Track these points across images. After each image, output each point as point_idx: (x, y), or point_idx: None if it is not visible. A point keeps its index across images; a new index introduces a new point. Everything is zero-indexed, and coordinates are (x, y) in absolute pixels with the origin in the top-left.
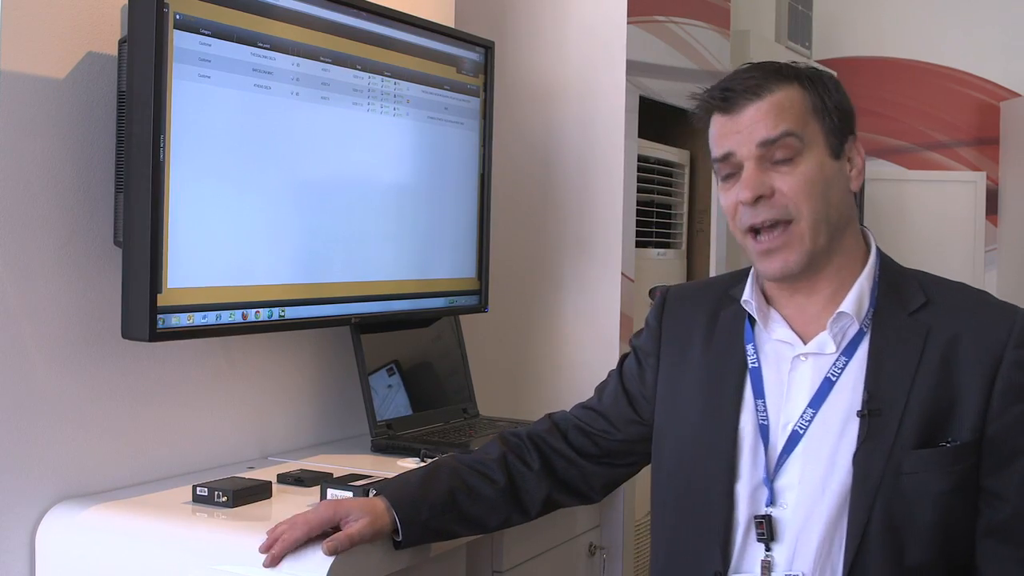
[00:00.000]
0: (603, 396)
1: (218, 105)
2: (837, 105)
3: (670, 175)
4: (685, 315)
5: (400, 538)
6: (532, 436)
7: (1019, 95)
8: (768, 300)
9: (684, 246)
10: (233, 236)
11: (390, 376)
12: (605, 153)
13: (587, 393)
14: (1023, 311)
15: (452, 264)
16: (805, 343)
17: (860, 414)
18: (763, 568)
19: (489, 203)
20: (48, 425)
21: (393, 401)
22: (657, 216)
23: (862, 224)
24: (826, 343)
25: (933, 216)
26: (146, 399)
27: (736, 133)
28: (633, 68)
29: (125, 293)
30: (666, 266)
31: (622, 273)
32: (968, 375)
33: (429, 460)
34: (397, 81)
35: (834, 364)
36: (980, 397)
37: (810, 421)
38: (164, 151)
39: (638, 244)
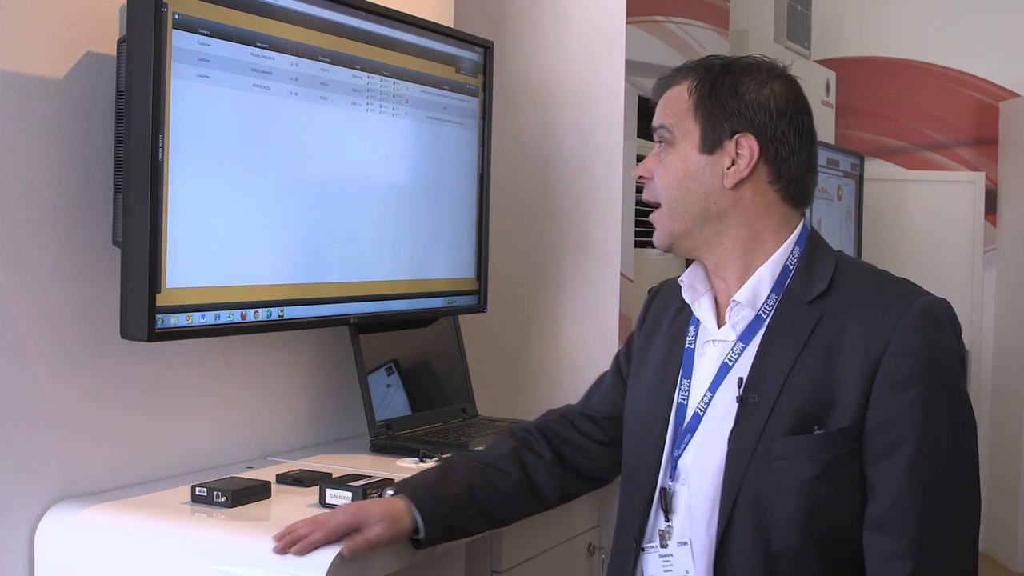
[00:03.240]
0: (604, 381)
1: (217, 105)
2: (733, 104)
3: None
4: (666, 302)
5: (421, 536)
6: (540, 427)
7: (1018, 95)
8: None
9: None
10: (232, 236)
11: (389, 376)
12: (604, 153)
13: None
14: (921, 302)
15: (451, 264)
16: (720, 327)
17: (737, 399)
18: (660, 536)
19: (488, 203)
20: (47, 425)
21: (392, 401)
22: None
23: (857, 224)
24: (728, 330)
25: (932, 216)
26: (145, 399)
27: None
28: (632, 68)
29: (124, 293)
30: (665, 266)
31: (621, 273)
32: (851, 364)
33: (428, 460)
34: (396, 81)
35: (731, 349)
36: (860, 386)
37: (708, 404)
38: (163, 151)
39: (637, 244)
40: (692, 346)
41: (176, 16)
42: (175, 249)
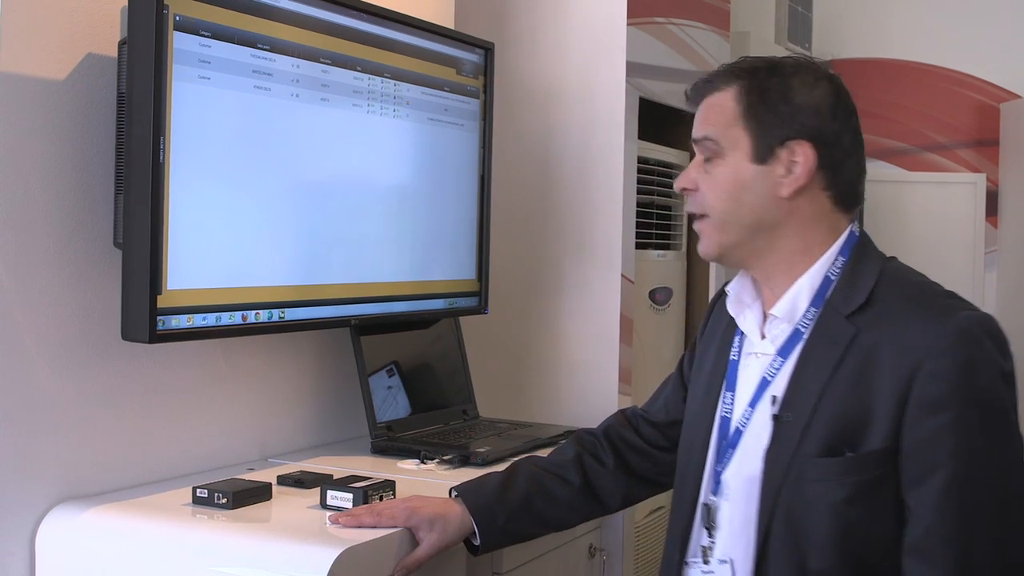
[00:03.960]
0: (667, 386)
1: (218, 106)
2: (785, 110)
3: (670, 176)
4: (723, 308)
5: (477, 542)
6: (606, 432)
7: (1019, 97)
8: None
9: (684, 247)
10: (233, 237)
11: (390, 377)
12: (605, 154)
13: (588, 394)
14: (960, 317)
15: (452, 265)
16: (762, 340)
17: (772, 416)
18: (702, 553)
19: (489, 204)
20: (48, 427)
21: (393, 403)
22: (657, 217)
23: (858, 224)
24: (768, 343)
25: (933, 218)
26: (146, 401)
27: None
28: (633, 69)
29: (125, 294)
30: (666, 268)
31: (622, 274)
32: (884, 384)
33: (429, 462)
34: (397, 82)
35: (771, 364)
36: (893, 407)
37: (748, 419)
38: (164, 152)
39: (638, 245)
40: (736, 358)
41: (177, 18)
42: (176, 250)
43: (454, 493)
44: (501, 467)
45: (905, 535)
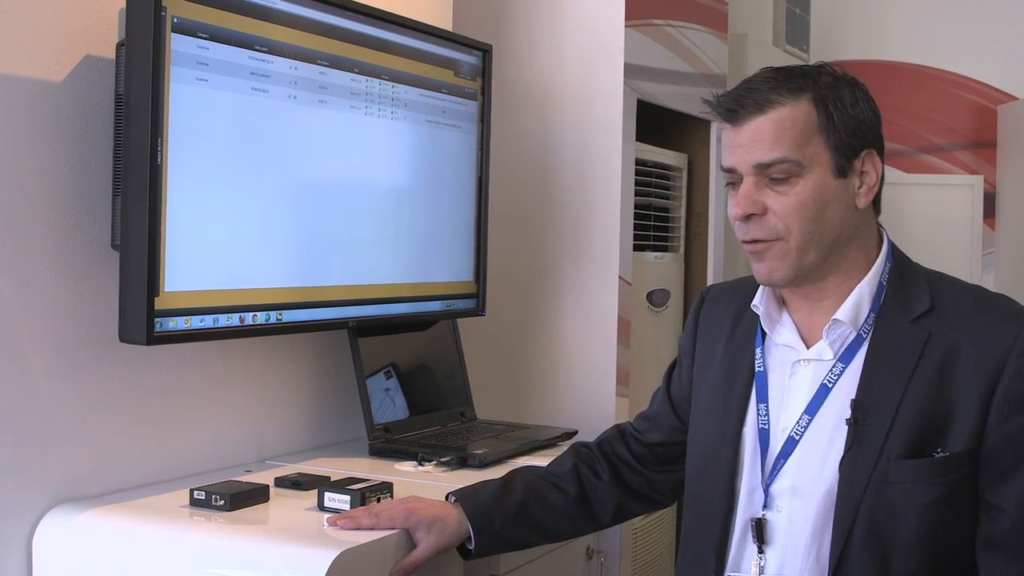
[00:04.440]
0: (654, 403)
1: (216, 108)
2: (851, 120)
3: (668, 178)
4: (717, 315)
5: (472, 546)
6: (601, 446)
7: (1017, 99)
8: (785, 303)
9: (682, 250)
10: (230, 239)
11: (387, 379)
12: (603, 156)
13: (585, 396)
14: None
15: (449, 267)
16: (809, 347)
17: (848, 421)
18: (755, 570)
19: (486, 206)
20: (45, 429)
21: (391, 404)
22: (655, 219)
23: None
24: (824, 349)
25: (931, 219)
26: (143, 402)
27: (738, 147)
28: (631, 71)
29: (122, 296)
30: (664, 270)
31: (620, 276)
32: (966, 385)
33: (426, 464)
34: (395, 84)
35: (831, 370)
36: (978, 407)
37: (806, 427)
38: (162, 154)
39: (636, 248)
40: (763, 369)
41: (175, 20)
42: (174, 252)
43: (452, 498)
44: (499, 469)
45: (982, 531)
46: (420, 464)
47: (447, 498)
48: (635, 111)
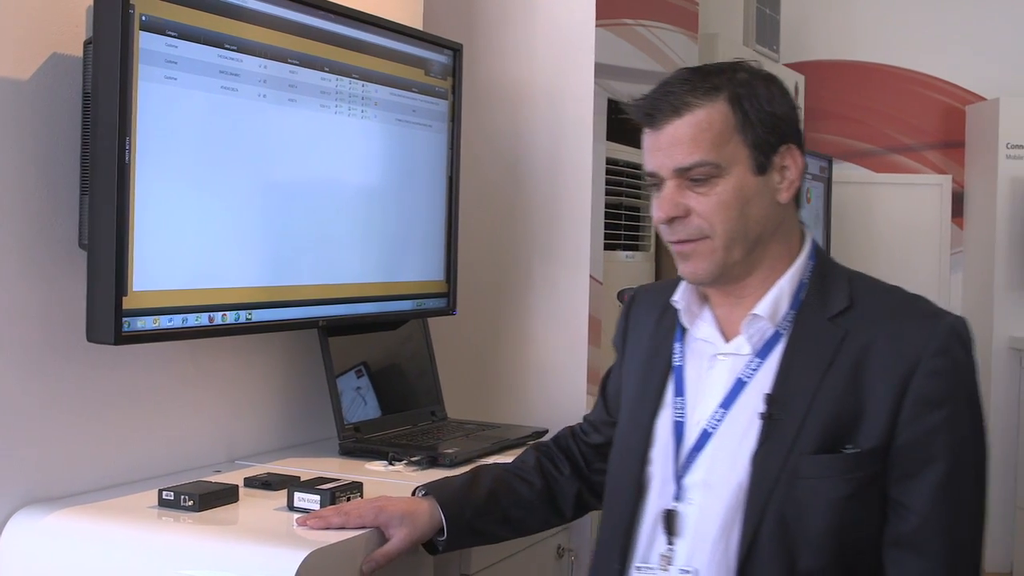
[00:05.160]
0: (597, 404)
1: (185, 107)
2: (768, 116)
3: (638, 178)
4: (643, 314)
5: (443, 537)
6: (557, 442)
7: (985, 99)
8: (707, 298)
9: (652, 249)
10: (199, 238)
11: (358, 379)
12: (573, 156)
13: (556, 395)
14: (948, 321)
15: (420, 266)
16: (728, 342)
17: (760, 415)
18: (661, 561)
19: (457, 205)
20: (11, 429)
21: (361, 404)
22: (625, 219)
23: (826, 226)
24: (742, 344)
25: (899, 219)
26: (111, 402)
27: (658, 151)
28: (601, 71)
29: (90, 296)
30: (634, 269)
31: (590, 276)
32: (880, 382)
33: (397, 463)
34: (365, 83)
35: (747, 365)
36: (890, 405)
37: (720, 420)
38: (129, 153)
39: (606, 247)
40: (682, 363)
41: (143, 18)
42: (142, 252)
43: (421, 491)
44: (469, 468)
45: (889, 528)
46: (390, 464)
47: (414, 492)
48: (606, 110)
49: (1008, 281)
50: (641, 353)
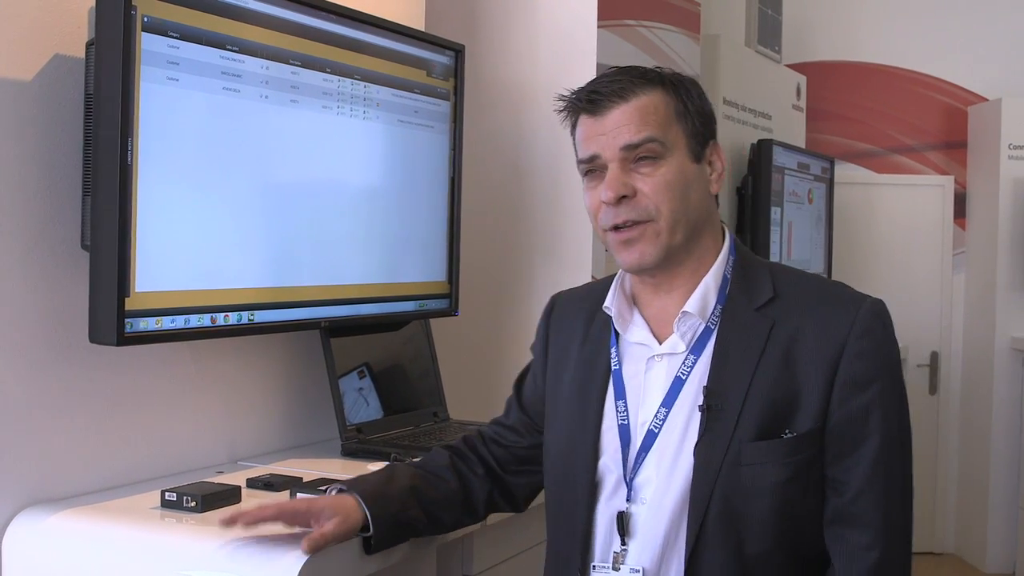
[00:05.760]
0: (509, 410)
1: (187, 108)
2: (699, 110)
3: None
4: (567, 320)
5: (371, 532)
6: (469, 445)
7: (987, 100)
8: (636, 301)
9: None
10: (202, 239)
11: (361, 379)
12: (575, 157)
13: None
14: (868, 303)
15: (422, 267)
16: (661, 343)
17: (700, 408)
18: (613, 560)
19: (459, 206)
20: (14, 430)
21: (364, 405)
22: None
23: (828, 227)
24: (676, 343)
25: (902, 219)
26: (114, 403)
27: (601, 135)
28: (603, 72)
29: (92, 297)
30: None
31: (592, 276)
32: (810, 367)
33: (389, 464)
34: (367, 84)
35: (683, 363)
36: (822, 388)
37: (664, 419)
38: (132, 154)
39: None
40: (618, 367)
41: (145, 19)
42: (144, 253)
43: (335, 489)
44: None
45: (828, 506)
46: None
47: (327, 491)
48: None
49: (1010, 281)
50: (572, 360)
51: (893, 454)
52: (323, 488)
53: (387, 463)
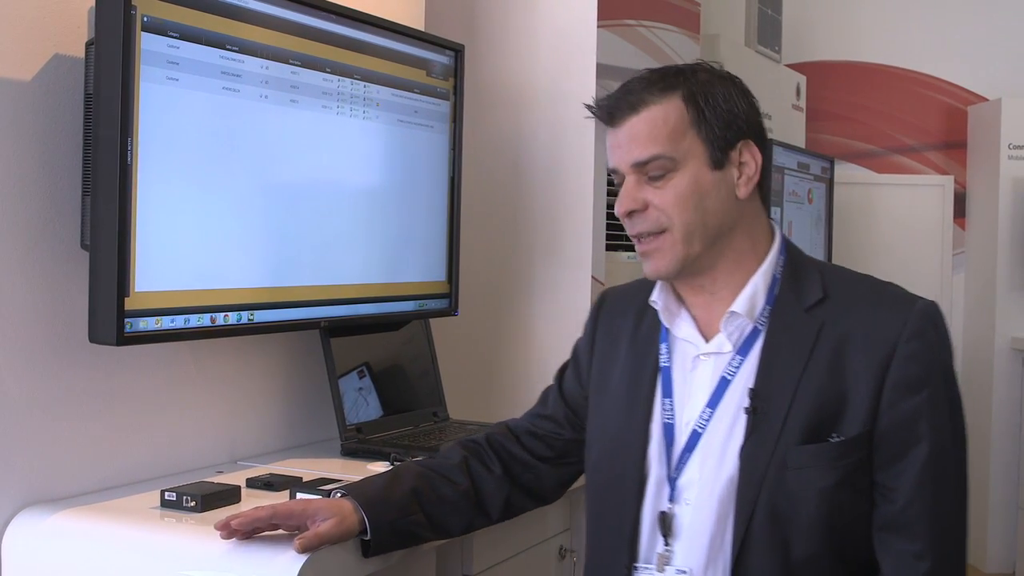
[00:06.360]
0: (548, 400)
1: (186, 108)
2: (725, 113)
3: None
4: (617, 316)
5: (368, 537)
6: (490, 441)
7: (986, 99)
8: (682, 298)
9: None
10: (201, 239)
11: (360, 379)
12: (575, 156)
13: None
14: (920, 305)
15: (422, 267)
16: (708, 341)
17: (746, 410)
18: (659, 561)
19: (459, 206)
20: (14, 430)
21: (363, 404)
22: None
23: (828, 227)
24: (723, 343)
25: (901, 219)
26: (114, 403)
27: (617, 148)
28: (603, 72)
29: (92, 297)
30: (636, 269)
31: (592, 276)
32: (859, 370)
33: (399, 464)
34: (367, 84)
35: (730, 363)
36: (871, 391)
37: (708, 420)
38: (132, 154)
39: (608, 247)
40: (668, 364)
41: (145, 18)
42: (144, 252)
43: (338, 493)
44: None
45: (877, 512)
46: (392, 464)
47: (330, 495)
48: None
49: (1010, 281)
50: (621, 357)
51: (945, 461)
52: (325, 489)
53: (387, 463)
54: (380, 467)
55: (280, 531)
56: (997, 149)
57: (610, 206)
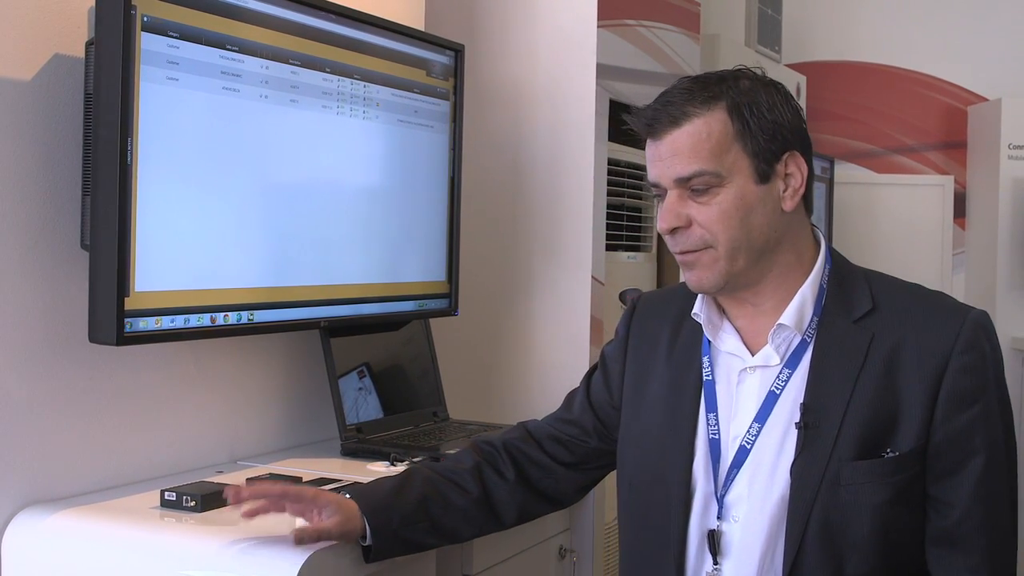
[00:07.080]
0: (574, 405)
1: (186, 108)
2: (770, 124)
3: (640, 178)
4: (652, 324)
5: (368, 543)
6: (507, 446)
7: (987, 99)
8: (724, 310)
9: (654, 249)
10: (201, 239)
11: (360, 379)
12: (575, 156)
13: (558, 396)
14: (972, 315)
15: (422, 267)
16: (754, 354)
17: (797, 425)
18: None
19: (459, 206)
20: (13, 430)
21: (363, 405)
22: (627, 219)
23: (828, 227)
24: (770, 356)
25: (901, 219)
26: (113, 403)
27: (659, 161)
28: (603, 72)
29: (92, 296)
30: (636, 269)
31: (592, 276)
32: (912, 383)
33: (399, 464)
34: (367, 84)
35: (778, 376)
36: (924, 405)
37: (756, 435)
38: (132, 154)
39: (608, 247)
40: (711, 378)
41: (145, 18)
42: (144, 252)
43: (346, 495)
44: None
45: (931, 526)
46: (392, 464)
47: (342, 493)
48: (607, 111)
49: (1010, 281)
50: (659, 368)
51: (999, 474)
52: (334, 489)
53: (387, 463)
54: (380, 467)
55: (280, 533)
56: (997, 149)
57: (610, 206)
